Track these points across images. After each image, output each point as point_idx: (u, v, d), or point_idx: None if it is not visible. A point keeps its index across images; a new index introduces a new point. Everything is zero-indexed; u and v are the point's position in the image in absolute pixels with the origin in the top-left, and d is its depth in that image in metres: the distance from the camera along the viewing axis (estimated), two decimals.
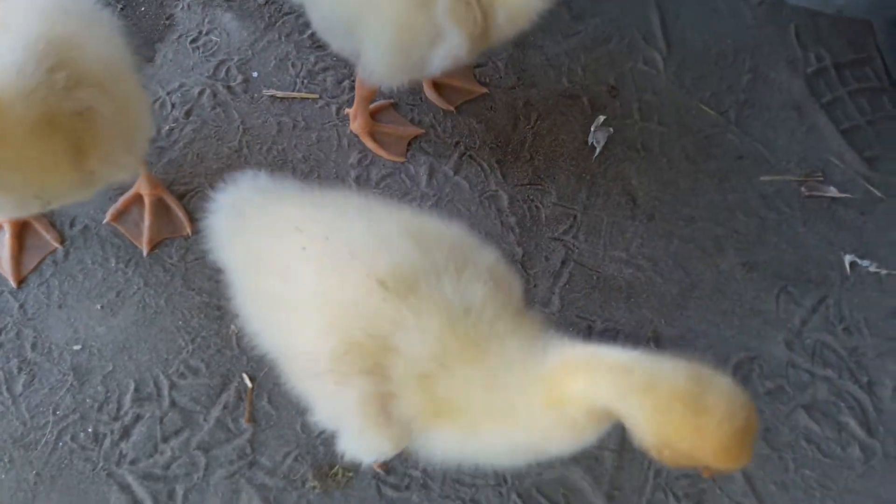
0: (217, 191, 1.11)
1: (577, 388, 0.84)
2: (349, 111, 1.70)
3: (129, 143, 1.20)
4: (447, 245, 0.95)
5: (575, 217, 1.65)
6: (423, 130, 1.71)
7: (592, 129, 1.77)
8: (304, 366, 0.95)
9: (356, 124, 1.68)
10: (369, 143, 1.68)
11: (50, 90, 1.04)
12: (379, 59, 1.37)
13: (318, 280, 0.93)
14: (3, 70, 0.99)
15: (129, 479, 1.31)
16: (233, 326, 1.45)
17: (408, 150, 1.69)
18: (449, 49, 1.33)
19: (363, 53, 1.38)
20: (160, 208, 1.52)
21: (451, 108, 1.75)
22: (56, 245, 1.48)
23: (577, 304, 1.55)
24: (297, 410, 1.37)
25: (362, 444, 0.92)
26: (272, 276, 0.98)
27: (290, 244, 0.97)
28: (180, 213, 1.53)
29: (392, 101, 1.74)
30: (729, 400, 0.81)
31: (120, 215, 1.52)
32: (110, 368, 1.40)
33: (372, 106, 1.70)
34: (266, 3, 1.83)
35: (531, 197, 1.67)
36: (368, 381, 0.89)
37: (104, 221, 1.52)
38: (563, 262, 1.60)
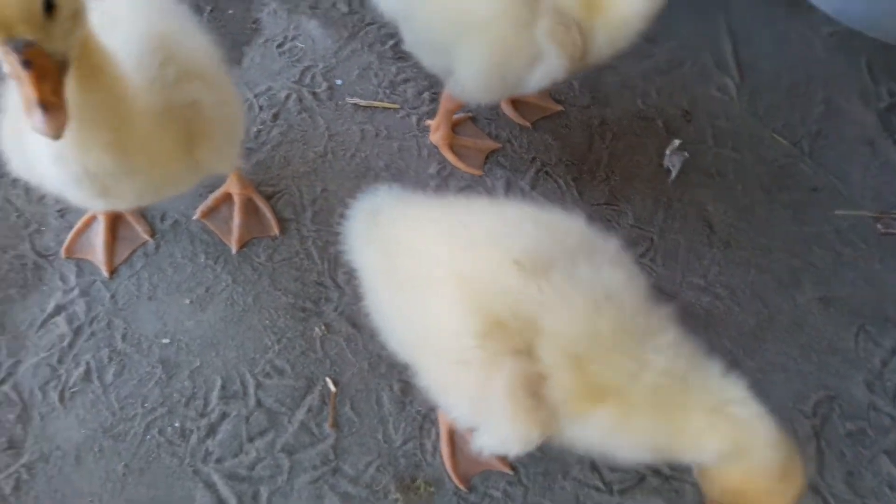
0: (354, 199, 1.15)
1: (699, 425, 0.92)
2: (430, 122, 1.72)
3: (231, 135, 1.22)
4: (576, 232, 0.98)
5: (652, 240, 1.66)
6: (500, 145, 1.73)
7: (668, 152, 1.79)
8: (445, 350, 0.95)
9: (437, 136, 1.70)
10: (448, 155, 1.70)
11: (163, 83, 1.07)
12: (474, 78, 1.39)
13: (454, 259, 0.96)
14: (124, 61, 1.01)
15: (215, 477, 1.32)
16: (317, 329, 1.47)
17: (485, 164, 1.71)
18: (547, 70, 1.35)
19: (457, 71, 1.40)
20: (249, 208, 1.54)
21: (528, 124, 1.77)
22: (147, 238, 1.50)
23: None
24: (379, 419, 1.39)
25: (510, 432, 0.92)
26: (408, 259, 1.00)
27: (426, 232, 1.00)
28: (269, 214, 1.55)
29: (471, 114, 1.76)
30: (802, 478, 0.95)
31: (210, 212, 1.54)
32: (198, 364, 1.41)
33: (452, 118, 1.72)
34: (350, 12, 1.86)
35: (608, 217, 1.68)
36: (517, 361, 0.90)
37: (194, 217, 1.54)
38: None
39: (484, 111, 1.77)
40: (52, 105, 0.77)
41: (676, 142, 1.81)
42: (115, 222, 1.49)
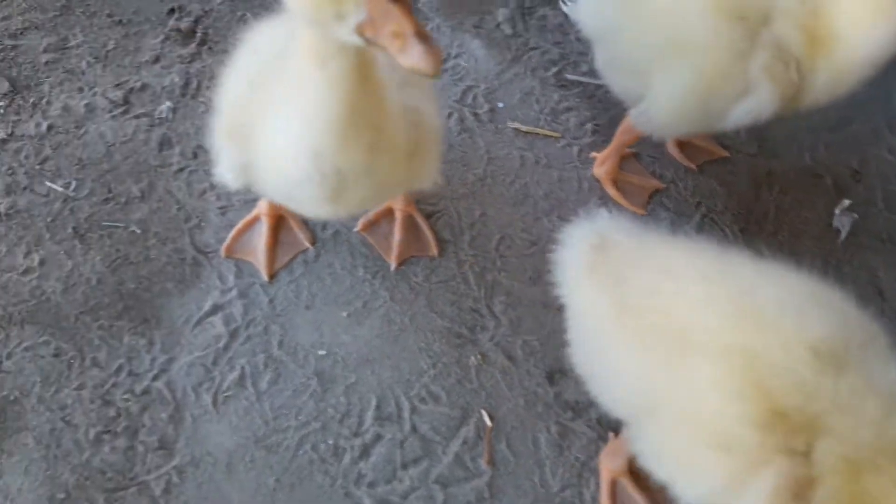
0: (571, 225, 1.06)
1: None
2: (595, 154, 1.65)
3: (438, 147, 1.18)
4: (865, 323, 0.87)
5: None
6: (664, 185, 1.66)
7: (837, 211, 1.69)
8: (702, 428, 0.86)
9: (602, 169, 1.63)
10: (611, 191, 1.63)
11: (395, 85, 1.02)
12: (671, 105, 1.32)
13: (732, 332, 0.86)
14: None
15: (367, 502, 1.24)
16: (473, 358, 1.39)
17: (648, 203, 1.64)
18: (754, 107, 1.27)
19: (653, 97, 1.34)
20: (410, 225, 1.49)
21: (693, 167, 1.69)
22: (308, 245, 1.45)
23: None
24: (536, 461, 1.30)
25: None
26: (655, 309, 0.91)
27: (684, 285, 0.90)
28: (428, 233, 1.49)
29: (634, 151, 1.69)
30: None
31: (370, 226, 1.48)
32: (353, 380, 1.35)
33: None
34: (514, 34, 1.81)
35: None
36: (793, 460, 0.80)
37: (355, 230, 1.48)
38: None
39: (647, 149, 1.70)
40: (427, 37, 0.71)
41: (846, 202, 1.71)
42: (279, 226, 1.44)
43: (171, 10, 1.67)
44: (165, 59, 1.61)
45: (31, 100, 1.52)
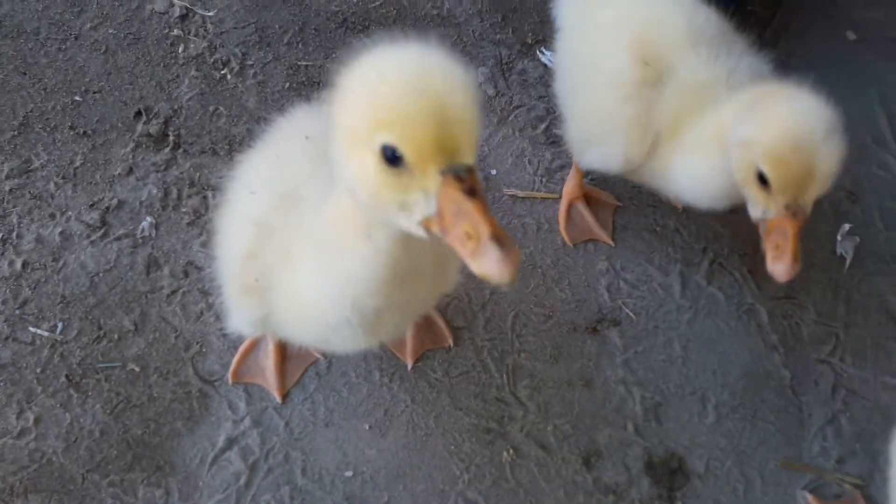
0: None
1: None
2: None
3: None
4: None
5: (837, 336, 1.48)
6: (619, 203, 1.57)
7: (839, 237, 1.61)
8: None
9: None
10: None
11: None
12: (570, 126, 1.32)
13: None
14: None
15: None
16: (505, 454, 1.29)
17: (656, 255, 1.54)
18: (602, 152, 1.27)
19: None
20: (422, 318, 1.38)
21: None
22: (318, 356, 1.33)
23: (862, 436, 1.38)
24: None
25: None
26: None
27: None
28: (441, 323, 1.38)
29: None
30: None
31: None
32: (386, 499, 1.23)
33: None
34: (497, 94, 1.70)
35: (789, 312, 1.51)
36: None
37: None
38: (834, 388, 1.43)
39: (646, 198, 1.61)
40: (505, 239, 0.61)
41: (846, 226, 1.64)
42: (284, 341, 1.32)
43: (138, 113, 1.52)
44: (139, 170, 1.46)
45: (0, 234, 1.37)
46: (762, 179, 1.00)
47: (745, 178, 1.03)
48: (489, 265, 0.60)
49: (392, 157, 0.62)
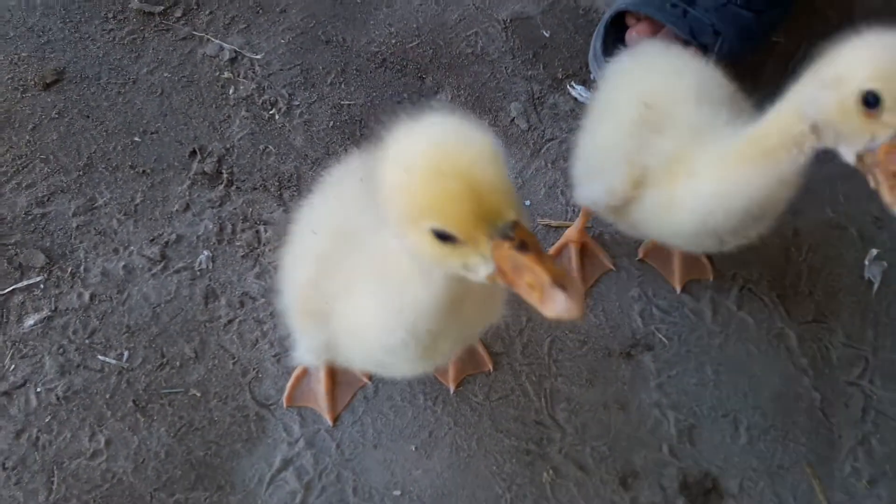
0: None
1: None
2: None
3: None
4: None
5: (867, 359, 1.52)
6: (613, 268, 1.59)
7: (867, 262, 1.66)
8: None
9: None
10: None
11: None
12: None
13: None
14: None
15: None
16: (545, 475, 1.35)
17: (687, 281, 1.60)
18: (597, 187, 1.26)
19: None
20: None
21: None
22: (365, 380, 1.40)
23: (892, 457, 1.42)
24: None
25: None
26: None
27: None
28: (480, 349, 1.45)
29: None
30: None
31: None
32: None
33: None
34: (529, 128, 1.79)
35: (819, 336, 1.55)
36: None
37: None
38: (864, 411, 1.47)
39: None
40: (567, 281, 0.65)
41: (874, 251, 1.69)
42: (334, 366, 1.40)
43: (193, 152, 1.62)
44: (195, 206, 1.56)
45: (69, 269, 1.47)
46: (867, 103, 0.92)
47: (842, 114, 0.95)
48: (558, 309, 0.65)
49: (443, 236, 0.67)
